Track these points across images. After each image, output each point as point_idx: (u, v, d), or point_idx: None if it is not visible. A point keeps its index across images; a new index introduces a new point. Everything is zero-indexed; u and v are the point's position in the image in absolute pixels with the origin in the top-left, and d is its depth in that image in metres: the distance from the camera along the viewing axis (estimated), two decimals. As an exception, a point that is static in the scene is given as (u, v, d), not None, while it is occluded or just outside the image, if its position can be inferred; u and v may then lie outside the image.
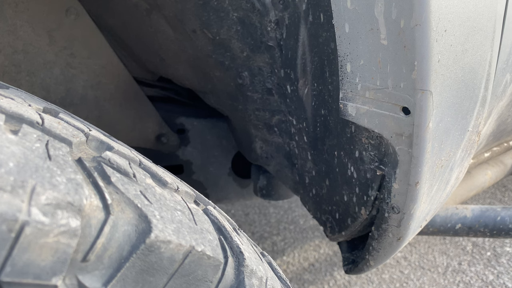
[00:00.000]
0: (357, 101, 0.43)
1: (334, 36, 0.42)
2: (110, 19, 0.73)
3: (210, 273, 0.28)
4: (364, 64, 0.40)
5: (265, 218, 1.69)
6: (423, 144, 0.39)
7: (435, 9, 0.33)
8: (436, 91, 0.37)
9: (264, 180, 0.88)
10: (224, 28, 0.58)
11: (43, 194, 0.21)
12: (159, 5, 0.61)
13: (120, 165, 0.28)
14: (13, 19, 0.60)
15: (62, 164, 0.23)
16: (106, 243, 0.23)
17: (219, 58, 0.62)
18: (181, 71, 0.75)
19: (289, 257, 1.51)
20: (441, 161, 0.44)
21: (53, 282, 0.21)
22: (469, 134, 0.46)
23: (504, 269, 1.56)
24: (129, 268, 0.24)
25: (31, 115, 0.25)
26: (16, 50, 0.62)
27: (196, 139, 0.91)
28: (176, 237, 0.26)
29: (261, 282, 0.33)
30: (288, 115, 0.64)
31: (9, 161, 0.21)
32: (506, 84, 0.51)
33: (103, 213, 0.23)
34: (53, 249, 0.21)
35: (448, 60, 0.37)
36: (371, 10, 0.36)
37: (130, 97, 0.76)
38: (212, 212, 0.34)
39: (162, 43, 0.70)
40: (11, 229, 0.19)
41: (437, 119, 0.39)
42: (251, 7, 0.55)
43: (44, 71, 0.65)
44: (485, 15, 0.38)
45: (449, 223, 0.81)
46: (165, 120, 0.83)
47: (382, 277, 1.44)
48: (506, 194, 1.93)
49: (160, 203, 0.28)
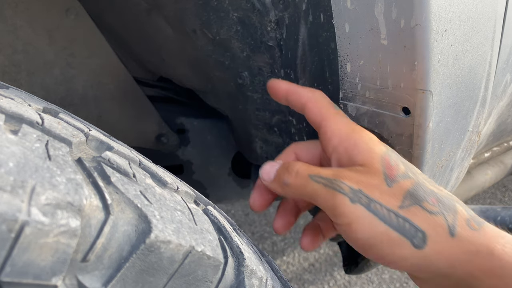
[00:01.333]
0: (357, 101, 0.43)
1: (334, 36, 0.42)
2: (110, 19, 0.73)
3: (210, 273, 0.28)
4: (364, 64, 0.40)
5: (265, 218, 1.69)
6: (423, 144, 0.39)
7: (435, 9, 0.33)
8: (436, 91, 0.37)
9: (264, 180, 0.88)
10: (224, 28, 0.58)
11: (43, 194, 0.21)
12: (159, 5, 0.61)
13: (120, 165, 0.28)
14: (13, 19, 0.60)
15: (62, 164, 0.23)
16: (106, 243, 0.23)
17: (219, 58, 0.62)
18: (181, 71, 0.75)
19: (289, 257, 1.51)
20: (441, 161, 0.44)
21: (53, 282, 0.21)
22: (469, 134, 0.46)
23: (504, 269, 1.55)
24: (129, 268, 0.24)
25: (31, 115, 0.25)
26: (16, 50, 0.61)
27: (196, 139, 0.91)
28: (176, 237, 0.26)
29: (261, 282, 0.33)
30: (288, 115, 0.64)
31: (9, 161, 0.21)
32: (506, 84, 0.51)
33: (103, 213, 0.23)
34: (53, 249, 0.21)
35: (448, 60, 0.37)
36: (371, 10, 0.36)
37: (130, 97, 0.76)
38: (212, 212, 0.34)
39: (162, 43, 0.70)
40: (11, 229, 0.19)
41: (437, 119, 0.39)
42: (251, 7, 0.55)
43: (44, 71, 0.65)
44: (485, 15, 0.38)
45: (449, 223, 0.81)
46: (165, 120, 0.83)
47: (382, 277, 1.44)
48: (506, 194, 1.93)
49: (160, 203, 0.28)
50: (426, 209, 0.33)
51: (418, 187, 0.34)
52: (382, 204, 0.33)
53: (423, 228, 0.32)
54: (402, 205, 0.34)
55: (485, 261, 0.31)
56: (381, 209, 0.33)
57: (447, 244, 0.32)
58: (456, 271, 0.32)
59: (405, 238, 0.32)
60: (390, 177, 0.35)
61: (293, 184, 0.38)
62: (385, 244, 0.33)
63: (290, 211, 0.45)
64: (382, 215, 0.33)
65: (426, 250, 0.32)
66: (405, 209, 0.33)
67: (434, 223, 0.33)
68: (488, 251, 0.31)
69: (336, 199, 0.34)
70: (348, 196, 0.34)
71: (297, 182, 0.37)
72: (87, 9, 0.66)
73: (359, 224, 0.33)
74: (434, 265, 0.32)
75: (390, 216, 0.33)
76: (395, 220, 0.33)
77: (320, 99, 0.41)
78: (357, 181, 0.35)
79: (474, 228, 0.32)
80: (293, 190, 0.38)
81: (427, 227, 0.33)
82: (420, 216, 0.33)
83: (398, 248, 0.33)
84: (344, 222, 0.34)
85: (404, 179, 0.35)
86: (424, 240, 0.32)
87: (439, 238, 0.32)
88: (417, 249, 0.32)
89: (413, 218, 0.33)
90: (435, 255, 0.32)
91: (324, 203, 0.35)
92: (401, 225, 0.33)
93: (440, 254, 0.32)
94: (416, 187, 0.34)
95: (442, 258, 0.32)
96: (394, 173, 0.35)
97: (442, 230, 0.32)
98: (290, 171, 0.38)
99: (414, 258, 0.32)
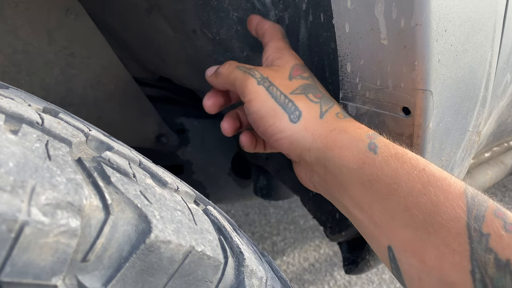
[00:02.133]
0: (357, 101, 0.43)
1: (334, 36, 0.42)
2: (110, 19, 0.73)
3: (210, 273, 0.28)
4: (364, 64, 0.40)
5: (265, 218, 1.69)
6: (424, 144, 0.39)
7: (436, 9, 0.33)
8: (436, 91, 0.37)
9: (264, 180, 0.88)
10: (224, 28, 0.58)
11: (43, 194, 0.21)
12: (159, 5, 0.61)
13: (120, 165, 0.28)
14: (13, 19, 0.60)
15: (62, 164, 0.23)
16: (106, 243, 0.23)
17: (219, 58, 0.62)
18: (181, 71, 0.75)
19: (289, 257, 1.51)
20: (442, 161, 0.44)
21: (53, 282, 0.21)
22: (470, 134, 0.46)
23: (504, 269, 1.55)
24: (129, 268, 0.24)
25: (31, 115, 0.25)
26: (16, 50, 0.61)
27: (196, 139, 0.90)
28: (176, 237, 0.26)
29: (261, 282, 0.33)
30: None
31: (9, 161, 0.21)
32: (506, 84, 0.51)
33: (103, 213, 0.23)
34: (53, 249, 0.21)
35: (449, 60, 0.37)
36: (371, 10, 0.36)
37: (130, 97, 0.76)
38: (212, 212, 0.34)
39: (162, 43, 0.70)
40: (11, 229, 0.19)
41: (437, 119, 0.39)
42: (251, 7, 0.55)
43: (44, 71, 0.65)
44: (485, 15, 0.38)
45: (449, 223, 0.80)
46: (165, 120, 0.83)
47: (382, 277, 1.44)
48: (506, 194, 1.93)
49: (160, 203, 0.28)
50: (309, 98, 0.43)
51: (311, 86, 0.45)
52: (279, 88, 0.44)
53: (301, 109, 0.42)
54: (292, 92, 0.44)
55: (338, 135, 0.39)
56: (276, 91, 0.44)
57: (314, 123, 0.41)
58: (316, 143, 0.40)
59: (285, 112, 0.42)
60: (293, 75, 0.46)
61: (223, 72, 0.49)
62: (271, 115, 0.42)
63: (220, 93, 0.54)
64: (275, 95, 0.43)
65: (298, 125, 0.41)
66: (293, 95, 0.43)
67: (310, 107, 0.42)
68: (341, 129, 0.39)
69: (247, 80, 0.45)
70: (256, 79, 0.44)
71: (226, 70, 0.48)
72: (87, 9, 0.66)
73: (257, 100, 0.43)
74: (302, 137, 0.41)
75: (280, 96, 0.43)
76: (282, 100, 0.43)
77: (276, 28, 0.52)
78: (267, 73, 0.46)
79: (340, 117, 0.41)
80: (223, 77, 0.49)
81: (303, 109, 0.42)
82: (302, 101, 0.43)
83: (278, 119, 0.42)
84: (248, 98, 0.44)
85: (303, 79, 0.46)
86: (299, 117, 0.42)
87: (310, 117, 0.42)
88: (292, 123, 0.42)
89: (296, 101, 0.43)
90: (304, 130, 0.41)
91: (239, 84, 0.46)
92: (286, 104, 0.43)
93: (308, 129, 0.41)
94: (310, 85, 0.45)
95: (308, 132, 0.41)
96: (297, 73, 0.46)
97: (314, 112, 0.42)
98: (225, 64, 0.50)
99: (288, 130, 0.42)
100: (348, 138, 0.38)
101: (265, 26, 0.52)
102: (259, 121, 0.43)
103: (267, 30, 0.52)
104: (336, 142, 0.38)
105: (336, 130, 0.39)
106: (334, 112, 0.42)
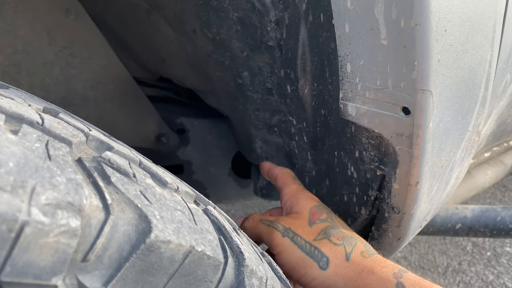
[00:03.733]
0: (357, 101, 0.43)
1: (334, 36, 0.42)
2: (110, 19, 0.73)
3: (210, 273, 0.28)
4: (364, 64, 0.40)
5: (265, 218, 1.69)
6: (423, 144, 0.39)
7: (435, 9, 0.33)
8: (436, 91, 0.37)
9: (264, 180, 0.88)
10: (224, 28, 0.58)
11: (43, 194, 0.21)
12: (159, 5, 0.61)
13: (120, 165, 0.28)
14: (13, 19, 0.60)
15: (62, 164, 0.23)
16: (106, 243, 0.23)
17: (219, 58, 0.62)
18: (181, 71, 0.75)
19: (289, 257, 1.51)
20: (441, 161, 0.44)
21: (53, 282, 0.21)
22: (469, 134, 0.46)
23: (504, 269, 1.56)
24: (129, 268, 0.24)
25: (31, 115, 0.25)
26: (16, 50, 0.61)
27: (196, 139, 0.91)
28: (176, 237, 0.26)
29: (261, 282, 0.33)
30: (288, 115, 0.64)
31: (9, 161, 0.21)
32: (506, 84, 0.51)
33: (103, 213, 0.23)
34: (53, 249, 0.21)
35: (448, 60, 0.37)
36: (371, 10, 0.36)
37: (130, 97, 0.76)
38: (212, 212, 0.34)
39: (162, 43, 0.70)
40: (11, 229, 0.19)
41: (437, 119, 0.39)
42: (251, 7, 0.55)
43: (44, 71, 0.65)
44: (485, 15, 0.38)
45: (449, 223, 0.81)
46: (165, 120, 0.83)
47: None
48: (506, 194, 1.93)
49: (160, 203, 0.28)
50: (332, 242, 0.46)
51: (331, 228, 0.48)
52: (302, 237, 0.47)
53: (327, 254, 0.44)
54: (315, 238, 0.46)
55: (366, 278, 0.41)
56: (301, 240, 0.47)
57: (343, 266, 0.43)
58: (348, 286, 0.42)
59: (314, 261, 0.44)
60: (312, 220, 0.49)
61: (248, 227, 0.53)
62: (301, 265, 0.45)
63: None
64: (300, 245, 0.46)
65: (329, 271, 0.43)
66: (317, 241, 0.46)
67: (335, 251, 0.45)
68: (369, 271, 0.41)
69: (273, 234, 0.48)
70: (280, 232, 0.48)
71: (251, 225, 0.53)
72: (87, 9, 0.66)
73: (286, 252, 0.46)
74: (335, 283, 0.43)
75: (306, 245, 0.46)
76: (308, 248, 0.46)
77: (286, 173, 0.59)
78: (289, 222, 0.49)
79: (365, 256, 0.43)
80: (249, 231, 0.53)
81: (330, 254, 0.44)
82: (327, 246, 0.45)
83: (309, 269, 0.44)
84: (277, 251, 0.47)
85: (322, 222, 0.49)
86: (328, 263, 0.44)
87: (337, 262, 0.44)
88: (322, 270, 0.44)
89: (321, 247, 0.45)
90: (334, 275, 0.43)
91: (265, 238, 0.50)
92: (312, 252, 0.45)
93: (338, 274, 0.43)
94: (330, 227, 0.48)
95: (339, 277, 0.43)
96: (315, 218, 0.50)
97: (341, 256, 0.44)
98: (249, 218, 0.55)
99: (321, 278, 0.44)
100: (377, 280, 0.40)
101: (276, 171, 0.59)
102: (291, 271, 0.46)
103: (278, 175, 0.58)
104: (366, 285, 0.41)
105: (364, 272, 0.42)
106: (358, 251, 0.44)
